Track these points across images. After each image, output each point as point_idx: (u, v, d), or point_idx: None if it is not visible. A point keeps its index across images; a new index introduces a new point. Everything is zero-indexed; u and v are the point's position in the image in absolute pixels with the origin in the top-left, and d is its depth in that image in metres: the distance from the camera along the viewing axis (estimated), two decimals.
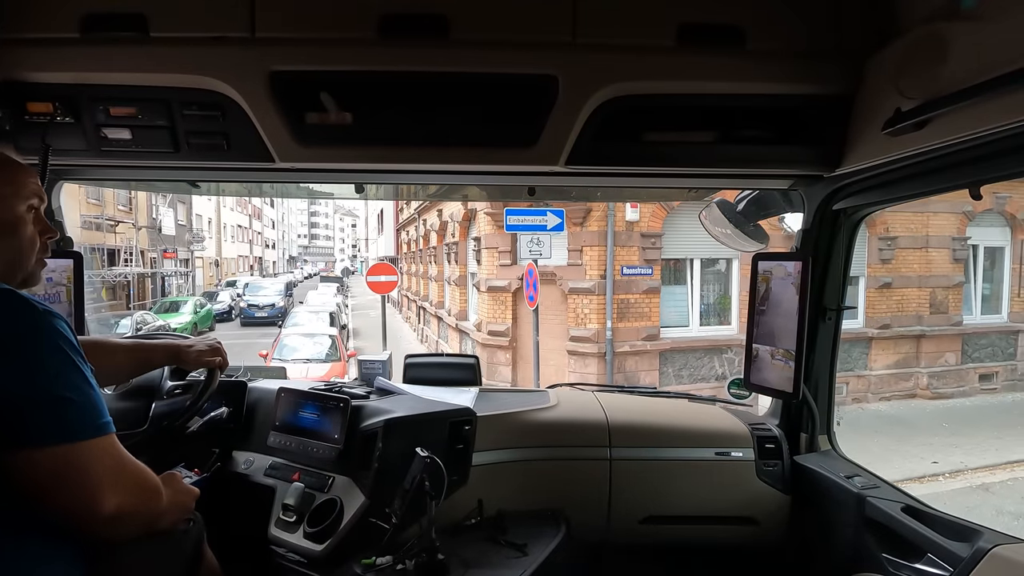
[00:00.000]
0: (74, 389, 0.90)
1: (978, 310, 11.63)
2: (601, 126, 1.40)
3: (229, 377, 1.97)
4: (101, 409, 0.94)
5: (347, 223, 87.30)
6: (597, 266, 9.77)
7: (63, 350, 0.91)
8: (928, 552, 1.37)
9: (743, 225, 2.03)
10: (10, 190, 1.02)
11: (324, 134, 1.40)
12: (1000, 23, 1.00)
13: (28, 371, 0.88)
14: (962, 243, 11.06)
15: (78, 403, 0.90)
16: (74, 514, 0.90)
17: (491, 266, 10.93)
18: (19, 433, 0.86)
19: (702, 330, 10.46)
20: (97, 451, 0.91)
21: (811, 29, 1.35)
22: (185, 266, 28.61)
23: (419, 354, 2.20)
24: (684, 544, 1.93)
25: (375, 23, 1.31)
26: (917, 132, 1.18)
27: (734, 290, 10.48)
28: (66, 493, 0.89)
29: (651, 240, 9.99)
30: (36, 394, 0.87)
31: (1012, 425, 8.73)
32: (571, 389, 2.35)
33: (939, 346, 11.26)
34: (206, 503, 1.24)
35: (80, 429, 0.90)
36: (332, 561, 1.48)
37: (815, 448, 1.92)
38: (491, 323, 10.91)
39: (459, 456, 1.72)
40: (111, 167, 1.58)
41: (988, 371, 11.30)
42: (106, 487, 0.90)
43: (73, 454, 0.89)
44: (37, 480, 0.87)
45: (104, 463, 0.92)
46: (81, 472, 0.89)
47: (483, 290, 11.18)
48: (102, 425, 0.93)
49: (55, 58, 1.34)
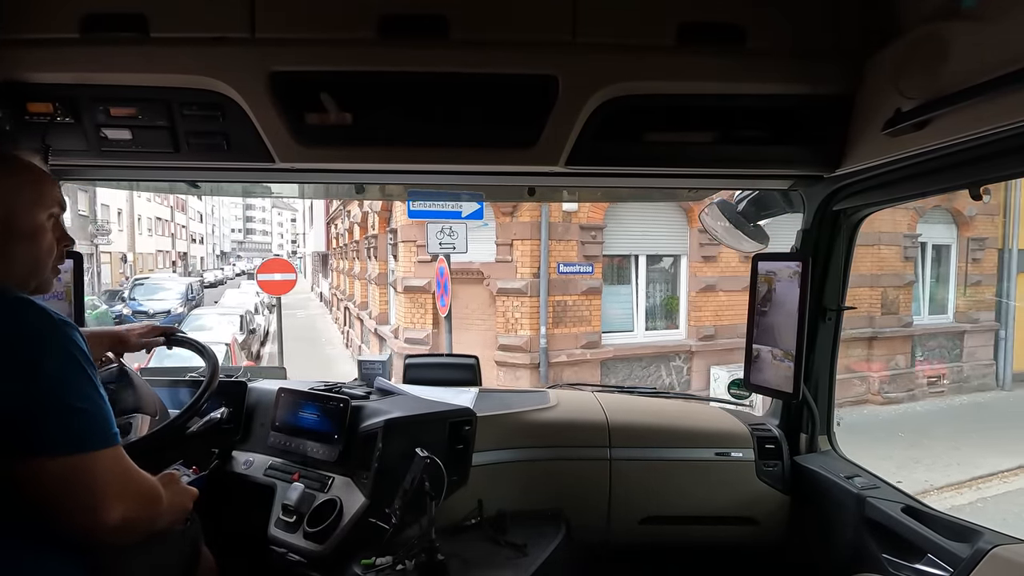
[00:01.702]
0: (85, 399, 0.92)
1: (926, 310, 11.38)
2: (601, 126, 1.40)
3: (229, 377, 1.97)
4: (110, 420, 0.95)
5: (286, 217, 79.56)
6: (530, 263, 8.46)
7: (77, 361, 0.92)
8: (928, 552, 1.37)
9: (743, 225, 2.03)
10: (33, 197, 1.03)
11: (324, 134, 1.40)
12: (1000, 23, 1.00)
13: (42, 381, 0.88)
14: (913, 240, 10.76)
15: (89, 413, 0.92)
16: (80, 523, 0.91)
17: (408, 262, 9.23)
18: (30, 441, 0.87)
19: (648, 335, 9.39)
20: (105, 461, 0.93)
21: (811, 29, 1.35)
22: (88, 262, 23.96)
23: (419, 354, 2.20)
24: (684, 544, 1.93)
25: (375, 23, 1.31)
26: (917, 132, 1.18)
27: (682, 290, 9.62)
28: (73, 502, 0.90)
29: (591, 233, 8.72)
30: (48, 404, 0.88)
31: (966, 432, 8.51)
32: (571, 389, 2.35)
33: (891, 348, 10.75)
34: (206, 503, 1.24)
35: (89, 439, 0.91)
36: (332, 561, 1.48)
37: (815, 448, 1.92)
38: (408, 329, 9.29)
39: (459, 456, 1.71)
40: (111, 167, 1.58)
41: (935, 373, 11.02)
42: (112, 497, 0.92)
43: (82, 464, 0.90)
44: (45, 488, 0.88)
45: (111, 473, 0.93)
46: (89, 482, 0.90)
47: (399, 290, 9.56)
48: (110, 436, 0.94)
49: (55, 58, 1.34)
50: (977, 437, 8.08)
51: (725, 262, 9.54)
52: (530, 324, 8.52)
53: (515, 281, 8.53)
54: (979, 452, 7.42)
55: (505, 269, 8.59)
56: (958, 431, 8.59)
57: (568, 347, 8.65)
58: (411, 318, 9.28)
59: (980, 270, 11.42)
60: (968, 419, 9.57)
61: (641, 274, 9.38)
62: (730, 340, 9.46)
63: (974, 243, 11.24)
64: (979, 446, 7.70)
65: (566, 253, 8.68)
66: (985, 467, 7.07)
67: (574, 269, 8.71)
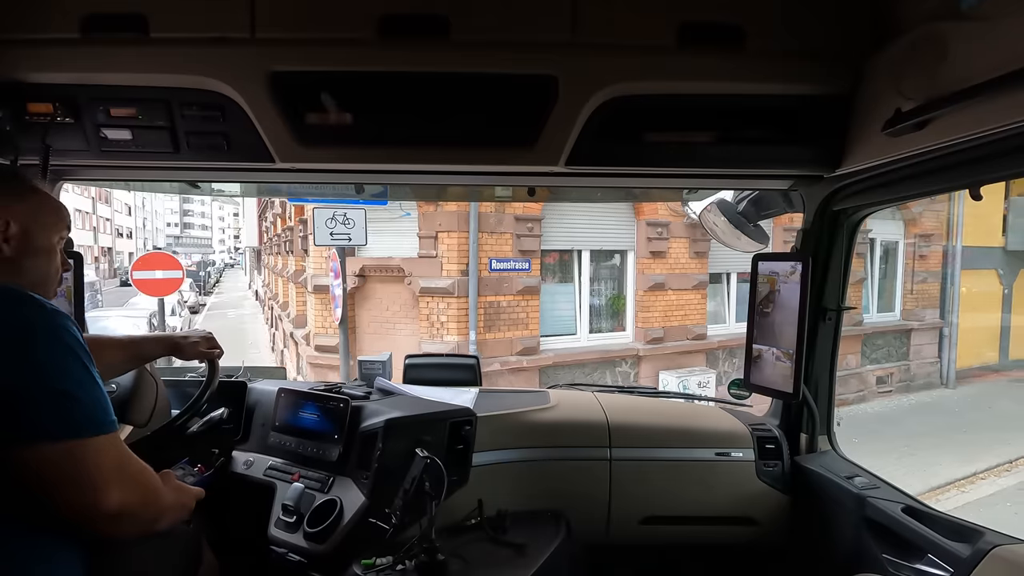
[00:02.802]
0: (80, 387, 0.93)
1: (875, 308, 11.13)
2: (601, 126, 1.40)
3: (229, 377, 1.97)
4: (106, 407, 0.96)
5: (228, 211, 76.08)
6: (457, 259, 7.37)
7: (70, 348, 0.93)
8: (928, 552, 1.37)
9: (743, 225, 2.03)
10: (52, 220, 1.12)
11: (324, 134, 1.40)
12: (1000, 23, 1.00)
13: (35, 368, 0.90)
14: (863, 236, 10.48)
15: (83, 400, 0.92)
16: (77, 510, 0.91)
17: (320, 257, 8.08)
18: (25, 428, 0.88)
19: (593, 339, 8.45)
20: (101, 447, 0.93)
21: (811, 29, 1.35)
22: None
23: (419, 354, 2.20)
24: (684, 544, 1.93)
25: (375, 23, 1.31)
26: (917, 132, 1.18)
27: (629, 288, 8.74)
28: (70, 488, 0.90)
29: (528, 226, 7.66)
30: (43, 390, 0.89)
31: (919, 434, 8.29)
32: (571, 389, 2.35)
33: (843, 348, 10.43)
34: (206, 503, 1.24)
35: (85, 426, 0.92)
36: (332, 561, 1.48)
37: (815, 448, 1.92)
38: (320, 334, 8.18)
39: (459, 456, 1.72)
40: (111, 167, 1.58)
41: (884, 372, 10.84)
42: (109, 483, 0.92)
43: (78, 450, 0.91)
44: (42, 475, 0.89)
45: (108, 460, 0.94)
46: (85, 468, 0.91)
47: (311, 290, 8.45)
48: (107, 423, 0.95)
49: (55, 58, 1.34)
50: (930, 440, 7.93)
51: (675, 258, 8.88)
52: (458, 328, 7.41)
53: (440, 279, 7.39)
54: (934, 456, 7.27)
55: (429, 265, 7.44)
56: (912, 433, 8.32)
57: (502, 354, 7.63)
58: (322, 322, 8.12)
59: (926, 267, 11.27)
60: (918, 420, 9.37)
61: (584, 271, 8.38)
62: (680, 343, 8.91)
63: (921, 240, 11.08)
64: (933, 448, 7.57)
65: (499, 247, 7.59)
66: (942, 475, 6.94)
67: (508, 266, 7.62)
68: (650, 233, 8.60)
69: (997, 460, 7.44)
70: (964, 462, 7.24)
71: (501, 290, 7.63)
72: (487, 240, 7.52)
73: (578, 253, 8.37)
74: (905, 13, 1.24)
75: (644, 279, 8.69)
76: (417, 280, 7.48)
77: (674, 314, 8.93)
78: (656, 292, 8.77)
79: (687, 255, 8.96)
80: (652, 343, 8.69)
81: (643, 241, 8.64)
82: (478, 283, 7.44)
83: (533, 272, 7.86)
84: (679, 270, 8.93)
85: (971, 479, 6.99)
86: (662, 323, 8.82)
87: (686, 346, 8.98)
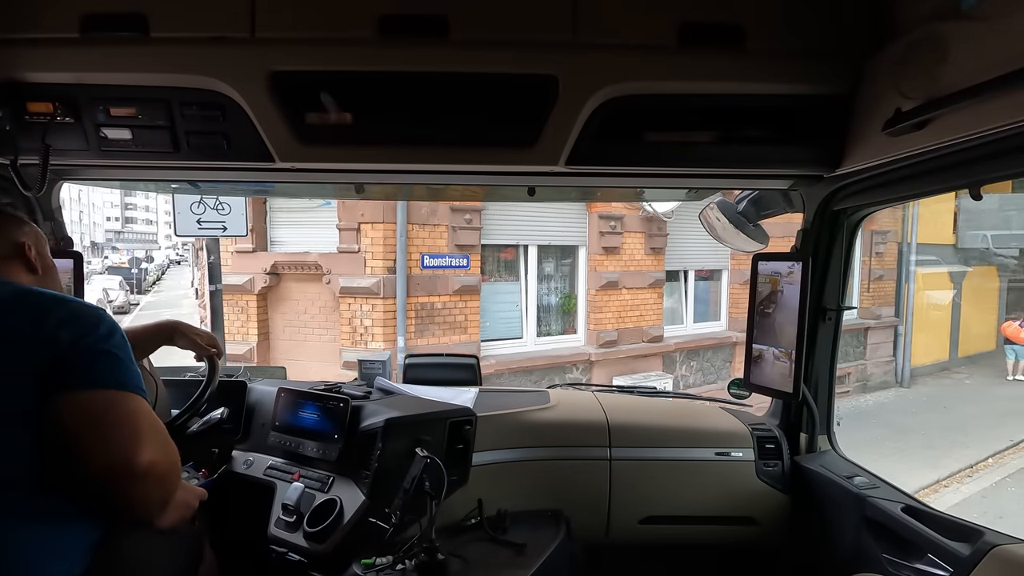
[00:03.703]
0: (123, 350, 1.04)
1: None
2: (601, 126, 1.40)
3: (229, 377, 1.97)
4: (141, 379, 1.05)
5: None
6: (383, 254, 6.39)
7: (114, 324, 1.07)
8: (928, 552, 1.37)
9: (743, 225, 2.03)
10: (44, 238, 1.27)
11: (324, 134, 1.40)
12: (1000, 23, 1.00)
13: (88, 330, 1.01)
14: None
15: (126, 362, 1.03)
16: (113, 461, 0.95)
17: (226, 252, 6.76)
18: (75, 378, 0.97)
19: (541, 343, 7.69)
20: (141, 405, 1.01)
21: (811, 29, 1.35)
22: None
23: (419, 354, 2.21)
24: (684, 544, 1.93)
25: (375, 23, 1.31)
26: (917, 132, 1.18)
27: (581, 288, 7.98)
28: (111, 436, 0.96)
29: (466, 217, 6.73)
30: (95, 350, 1.00)
31: (880, 438, 8.13)
32: (571, 389, 2.35)
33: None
34: (208, 503, 1.25)
35: (127, 381, 1.01)
36: (332, 561, 1.48)
37: (815, 448, 1.92)
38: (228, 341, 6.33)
39: (459, 456, 1.72)
40: (111, 167, 1.58)
41: (842, 372, 10.56)
42: (145, 439, 0.98)
43: (120, 399, 0.99)
44: (86, 422, 0.95)
45: (146, 417, 1.01)
46: (128, 418, 0.98)
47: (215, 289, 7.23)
48: (143, 388, 1.04)
49: (55, 58, 1.34)
50: (891, 445, 7.84)
51: (629, 254, 8.16)
52: (384, 334, 6.44)
53: (364, 278, 6.40)
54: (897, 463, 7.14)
55: (351, 262, 6.45)
56: (871, 440, 8.07)
57: None
58: (228, 325, 6.77)
59: (882, 264, 11.11)
60: (878, 422, 9.19)
61: (531, 268, 7.51)
62: (635, 346, 8.18)
63: (877, 236, 10.89)
64: (896, 454, 7.49)
65: (433, 242, 6.66)
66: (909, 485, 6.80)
67: (443, 262, 6.69)
68: (603, 227, 7.83)
69: (958, 465, 7.39)
70: (927, 468, 7.19)
71: (435, 290, 6.69)
72: (418, 233, 6.55)
73: (524, 248, 7.49)
74: (905, 13, 1.24)
75: (596, 277, 7.95)
76: (337, 279, 6.49)
77: (628, 315, 8.24)
78: (609, 291, 8.06)
79: (642, 251, 8.32)
80: (605, 346, 7.97)
81: (595, 236, 7.88)
82: (407, 282, 6.49)
83: (472, 269, 6.89)
84: (634, 267, 8.22)
85: (935, 487, 6.95)
86: (616, 324, 8.13)
87: (641, 349, 8.32)
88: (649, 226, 8.36)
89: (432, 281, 6.69)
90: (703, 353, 9.15)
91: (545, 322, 7.88)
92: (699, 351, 9.11)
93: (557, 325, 8.00)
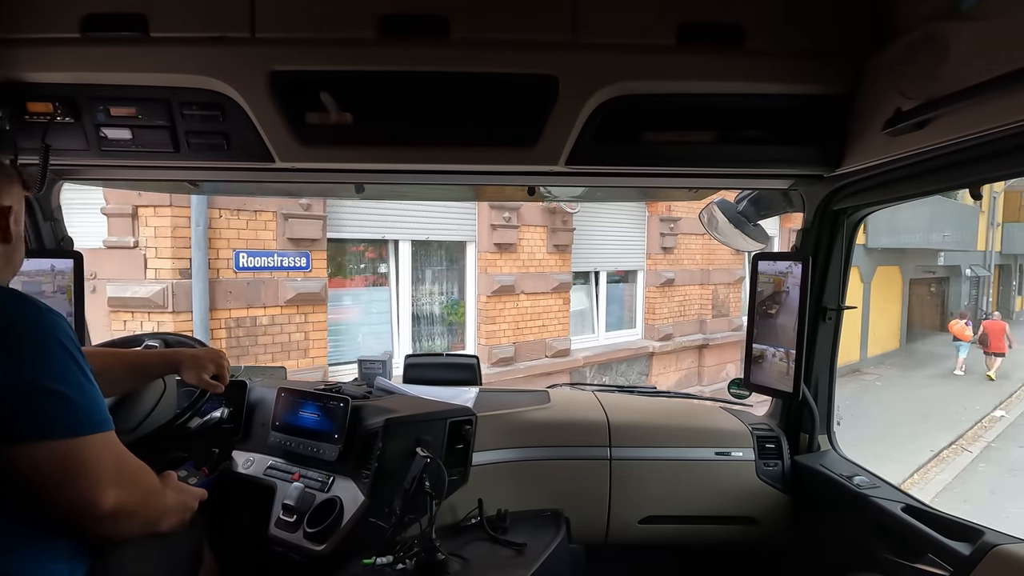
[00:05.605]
0: (74, 386, 0.92)
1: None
2: (601, 126, 1.40)
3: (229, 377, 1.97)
4: (101, 406, 0.95)
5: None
6: (173, 251, 4.64)
7: (64, 347, 0.93)
8: (929, 552, 1.37)
9: (743, 225, 2.03)
10: (20, 206, 1.10)
11: (324, 134, 1.40)
12: (1000, 23, 1.00)
13: (30, 367, 0.89)
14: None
15: (77, 400, 0.92)
16: (75, 509, 0.91)
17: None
18: (20, 428, 0.87)
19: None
20: (97, 447, 0.93)
21: (811, 29, 1.35)
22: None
23: (419, 354, 2.21)
24: (684, 544, 1.93)
25: (375, 23, 1.31)
26: (917, 132, 1.18)
27: (470, 293, 6.62)
28: (67, 488, 0.90)
29: (302, 202, 5.09)
30: (37, 390, 0.89)
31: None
32: (571, 389, 2.35)
33: (720, 356, 9.15)
34: (207, 503, 1.24)
35: (80, 425, 0.91)
36: (332, 561, 1.48)
37: (815, 448, 1.92)
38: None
39: (459, 456, 1.72)
40: (111, 167, 1.58)
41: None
42: (106, 482, 0.92)
43: (74, 449, 0.90)
44: (39, 475, 0.89)
45: (104, 459, 0.93)
46: (81, 467, 0.90)
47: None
48: (102, 421, 0.95)
49: (55, 58, 1.34)
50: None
51: (528, 253, 6.85)
52: None
53: (143, 284, 4.61)
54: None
55: (124, 261, 4.63)
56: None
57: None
58: None
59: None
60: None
61: (403, 271, 6.00)
62: (535, 362, 6.84)
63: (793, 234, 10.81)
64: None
65: (253, 234, 4.95)
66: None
67: (270, 262, 5.00)
68: (495, 219, 6.40)
69: (901, 476, 7.21)
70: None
71: (258, 300, 4.99)
72: (230, 222, 4.77)
73: (395, 244, 5.93)
74: (905, 13, 1.24)
75: (487, 280, 6.51)
76: (105, 284, 4.61)
77: (528, 325, 6.88)
78: (504, 296, 6.66)
79: (544, 249, 6.99)
80: (500, 364, 6.54)
81: (486, 230, 6.42)
82: (211, 290, 4.71)
83: (315, 272, 5.27)
84: (534, 268, 6.92)
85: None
86: (512, 337, 6.76)
87: (544, 366, 6.94)
88: (552, 219, 7.04)
89: (253, 288, 4.95)
90: (616, 366, 7.97)
91: (428, 336, 6.27)
92: (612, 364, 7.88)
93: (442, 340, 6.45)
